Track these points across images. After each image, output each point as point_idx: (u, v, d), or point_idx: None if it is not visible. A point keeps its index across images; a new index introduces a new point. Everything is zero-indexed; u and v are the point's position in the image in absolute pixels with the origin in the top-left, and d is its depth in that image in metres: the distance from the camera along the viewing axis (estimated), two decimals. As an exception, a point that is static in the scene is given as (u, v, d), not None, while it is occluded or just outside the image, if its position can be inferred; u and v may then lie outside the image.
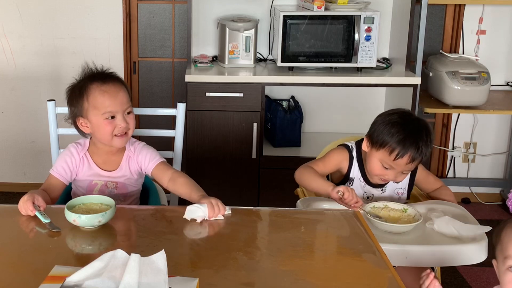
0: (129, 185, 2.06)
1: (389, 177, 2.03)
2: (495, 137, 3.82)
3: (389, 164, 2.00)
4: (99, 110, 1.94)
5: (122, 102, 1.96)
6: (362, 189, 2.13)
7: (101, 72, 2.02)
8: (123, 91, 1.98)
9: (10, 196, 3.75)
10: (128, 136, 2.01)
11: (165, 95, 3.76)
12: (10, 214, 1.77)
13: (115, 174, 2.04)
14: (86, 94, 1.95)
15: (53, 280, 1.25)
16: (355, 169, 2.13)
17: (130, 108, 2.00)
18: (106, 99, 1.94)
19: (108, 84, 1.96)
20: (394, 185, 2.13)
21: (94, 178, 2.03)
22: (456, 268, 2.98)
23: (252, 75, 3.26)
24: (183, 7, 3.61)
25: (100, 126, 1.95)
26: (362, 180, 2.13)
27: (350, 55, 3.26)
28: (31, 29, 3.60)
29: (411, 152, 1.96)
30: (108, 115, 1.94)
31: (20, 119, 3.75)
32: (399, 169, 2.01)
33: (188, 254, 1.54)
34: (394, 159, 1.98)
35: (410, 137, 1.97)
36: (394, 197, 2.15)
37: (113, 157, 2.05)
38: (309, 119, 3.66)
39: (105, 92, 1.94)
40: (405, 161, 1.98)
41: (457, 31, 3.63)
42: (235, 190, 3.29)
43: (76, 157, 2.02)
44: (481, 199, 3.84)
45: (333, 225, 1.75)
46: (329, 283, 1.39)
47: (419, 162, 2.03)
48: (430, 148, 2.02)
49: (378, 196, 2.14)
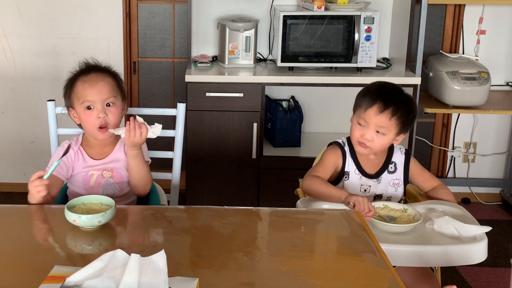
0: (124, 173, 2.06)
1: (367, 136, 2.02)
2: (495, 137, 3.82)
3: (363, 119, 2.02)
4: (79, 99, 1.98)
5: (101, 92, 1.97)
6: (359, 182, 2.12)
7: (89, 65, 2.06)
8: (104, 81, 1.99)
9: (10, 196, 3.75)
10: (112, 128, 1.98)
11: (165, 95, 3.76)
12: (10, 214, 1.77)
13: (108, 159, 2.05)
14: (72, 85, 2.01)
15: (53, 280, 1.25)
16: (350, 162, 2.12)
17: (112, 99, 1.99)
18: (85, 88, 1.98)
19: (90, 75, 2.00)
20: (389, 176, 2.13)
21: (90, 169, 2.04)
22: (456, 268, 2.98)
23: (252, 75, 3.26)
24: (183, 7, 3.61)
25: (81, 117, 2.00)
26: (358, 172, 2.12)
27: (350, 55, 3.26)
28: (31, 29, 3.60)
29: (380, 100, 1.99)
30: (86, 104, 1.97)
31: (20, 119, 3.75)
32: (373, 122, 2.01)
33: (188, 254, 1.54)
34: (365, 110, 2.01)
35: (381, 89, 2.05)
36: (390, 189, 2.14)
37: (106, 148, 2.07)
38: (309, 119, 3.66)
39: (84, 82, 1.99)
40: (375, 111, 1.99)
41: (457, 31, 3.64)
42: (235, 190, 3.29)
43: (70, 152, 2.02)
44: (481, 199, 3.84)
45: (333, 225, 1.75)
46: (329, 283, 1.39)
47: (397, 123, 2.01)
48: (408, 108, 2.03)
49: (375, 187, 2.13)
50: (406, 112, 2.02)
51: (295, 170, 2.35)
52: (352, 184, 2.12)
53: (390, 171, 2.13)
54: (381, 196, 2.13)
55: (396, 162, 2.15)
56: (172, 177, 2.38)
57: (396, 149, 2.16)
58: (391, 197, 2.14)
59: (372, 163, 2.13)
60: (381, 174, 2.13)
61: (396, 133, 2.04)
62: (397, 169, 2.14)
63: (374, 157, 2.12)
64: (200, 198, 3.31)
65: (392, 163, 2.14)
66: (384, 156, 2.14)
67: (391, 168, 2.13)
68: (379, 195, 2.13)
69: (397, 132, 2.03)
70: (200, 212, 1.83)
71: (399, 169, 2.15)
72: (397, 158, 2.15)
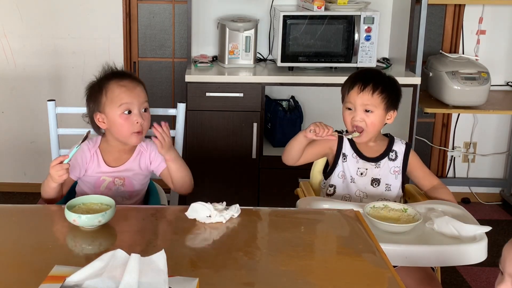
0: (136, 182, 2.07)
1: (357, 118, 2.10)
2: (495, 137, 3.82)
3: (349, 102, 2.12)
4: (116, 102, 1.98)
5: (139, 96, 2.01)
6: (356, 165, 2.18)
7: (120, 71, 2.09)
8: (140, 87, 2.04)
9: (10, 196, 3.75)
10: (143, 135, 2.04)
11: (165, 95, 3.76)
12: (10, 214, 1.78)
13: (123, 167, 2.05)
14: (105, 89, 2.01)
15: (53, 280, 1.25)
16: (347, 146, 2.19)
17: (147, 105, 2.04)
18: (122, 91, 1.99)
19: (126, 80, 2.03)
20: (390, 163, 2.17)
21: (103, 174, 2.04)
22: (456, 268, 2.98)
23: (252, 75, 3.26)
24: (183, 7, 3.61)
25: (116, 121, 1.99)
26: (356, 155, 2.18)
27: (350, 55, 3.26)
28: (31, 29, 3.60)
29: (360, 81, 2.10)
30: (124, 107, 1.98)
31: (20, 119, 3.75)
32: (358, 102, 2.09)
33: (188, 254, 1.54)
34: (348, 93, 2.12)
35: (359, 72, 2.18)
36: (390, 176, 2.17)
37: (125, 154, 2.07)
38: (309, 119, 3.65)
39: (122, 86, 2.00)
40: (356, 91, 2.09)
41: (457, 31, 3.64)
42: (235, 190, 3.29)
43: (87, 153, 2.04)
44: (481, 199, 3.84)
45: (333, 225, 1.75)
46: (329, 283, 1.39)
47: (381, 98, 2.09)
48: (389, 83, 2.12)
49: (371, 170, 2.16)
50: (387, 87, 2.12)
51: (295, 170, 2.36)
52: (349, 167, 2.17)
53: (391, 158, 2.17)
54: (379, 181, 2.16)
55: (397, 150, 2.19)
56: (172, 177, 2.38)
57: (397, 140, 2.22)
58: (391, 185, 2.17)
59: (371, 149, 2.18)
60: (381, 160, 2.17)
61: (384, 109, 2.11)
62: (397, 157, 2.19)
63: (373, 144, 2.18)
64: (200, 198, 3.29)
65: (393, 151, 2.19)
66: (385, 144, 2.19)
67: (392, 156, 2.18)
68: (376, 179, 2.16)
69: (385, 108, 2.11)
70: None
71: (399, 158, 2.19)
72: (397, 147, 2.20)
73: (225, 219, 1.68)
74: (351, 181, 2.17)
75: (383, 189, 2.16)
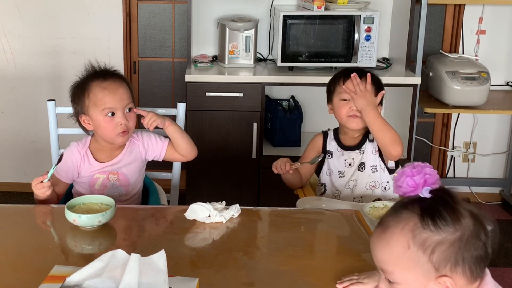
0: (130, 175, 2.07)
1: (353, 107, 2.14)
2: (495, 137, 3.82)
3: (341, 93, 2.16)
4: (99, 106, 1.96)
5: (122, 98, 1.97)
6: (342, 157, 2.22)
7: (102, 70, 2.04)
8: (123, 88, 2.00)
9: (10, 196, 3.75)
10: (130, 134, 2.02)
11: (165, 95, 3.76)
12: (10, 214, 1.78)
13: (115, 160, 2.05)
14: (87, 91, 1.98)
15: (53, 280, 1.25)
16: (332, 143, 2.25)
17: (131, 105, 2.01)
18: (105, 95, 1.96)
19: (108, 81, 1.98)
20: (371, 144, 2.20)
21: (96, 172, 2.04)
22: (456, 268, 2.97)
23: (252, 75, 3.26)
24: (183, 7, 3.61)
25: (101, 124, 1.97)
26: (340, 149, 2.23)
27: (350, 55, 3.26)
28: (31, 29, 3.60)
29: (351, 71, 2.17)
30: (107, 111, 1.95)
31: (20, 119, 3.75)
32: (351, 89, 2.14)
33: (188, 254, 1.54)
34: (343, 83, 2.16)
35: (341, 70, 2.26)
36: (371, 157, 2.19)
37: (116, 151, 2.07)
38: (309, 119, 3.66)
39: (104, 89, 1.96)
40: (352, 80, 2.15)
41: (457, 31, 3.63)
42: (235, 190, 3.29)
43: (76, 155, 2.03)
44: (481, 199, 3.84)
45: (333, 225, 1.75)
46: (329, 283, 1.39)
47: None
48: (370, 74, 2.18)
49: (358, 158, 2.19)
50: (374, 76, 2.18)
51: (295, 170, 2.38)
52: (335, 162, 2.22)
53: (370, 139, 2.21)
54: (364, 165, 2.19)
55: None
56: (172, 177, 2.39)
57: None
58: (376, 166, 2.19)
59: (354, 139, 2.24)
60: (363, 144, 2.21)
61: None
62: None
63: (358, 134, 2.23)
64: (200, 198, 3.29)
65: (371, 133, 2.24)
66: (364, 130, 2.23)
67: (370, 137, 2.21)
68: (362, 163, 2.20)
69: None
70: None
71: None
72: None
73: (225, 219, 1.68)
74: (340, 176, 2.21)
75: (370, 172, 2.19)
